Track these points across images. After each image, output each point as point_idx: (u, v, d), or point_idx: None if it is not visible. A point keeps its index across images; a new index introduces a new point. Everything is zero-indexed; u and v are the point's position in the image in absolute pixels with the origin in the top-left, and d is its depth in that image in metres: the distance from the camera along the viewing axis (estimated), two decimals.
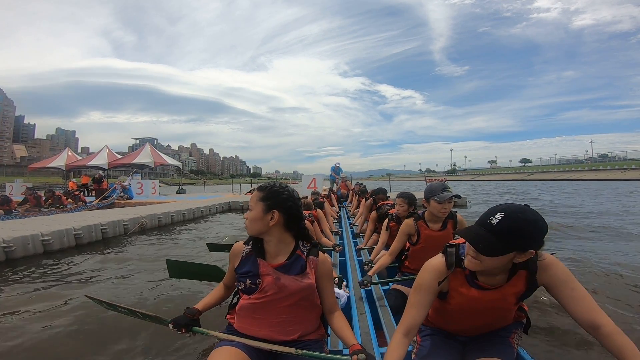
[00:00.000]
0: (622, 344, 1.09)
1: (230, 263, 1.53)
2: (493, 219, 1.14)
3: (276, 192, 1.42)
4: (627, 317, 2.73)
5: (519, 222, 1.11)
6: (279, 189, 1.44)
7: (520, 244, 1.12)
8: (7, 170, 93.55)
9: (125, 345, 2.35)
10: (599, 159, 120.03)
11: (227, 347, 1.35)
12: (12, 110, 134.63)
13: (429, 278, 1.31)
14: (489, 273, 1.25)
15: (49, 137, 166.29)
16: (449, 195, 2.26)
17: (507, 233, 1.11)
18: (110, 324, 2.62)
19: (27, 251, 5.23)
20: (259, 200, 1.41)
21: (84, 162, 21.83)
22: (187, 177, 77.75)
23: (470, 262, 1.22)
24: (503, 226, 1.11)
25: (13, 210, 9.78)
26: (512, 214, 1.12)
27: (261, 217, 1.39)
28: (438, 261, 1.33)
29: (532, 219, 1.12)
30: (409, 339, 1.28)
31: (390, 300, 2.33)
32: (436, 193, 2.30)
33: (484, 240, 1.14)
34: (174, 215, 9.19)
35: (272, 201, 1.40)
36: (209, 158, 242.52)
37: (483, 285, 1.28)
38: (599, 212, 10.90)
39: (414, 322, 1.29)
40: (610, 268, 4.18)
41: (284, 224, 1.41)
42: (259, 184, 1.65)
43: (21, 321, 2.80)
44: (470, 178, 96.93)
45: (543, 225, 1.13)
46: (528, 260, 1.19)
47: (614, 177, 54.83)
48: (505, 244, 1.12)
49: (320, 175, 14.91)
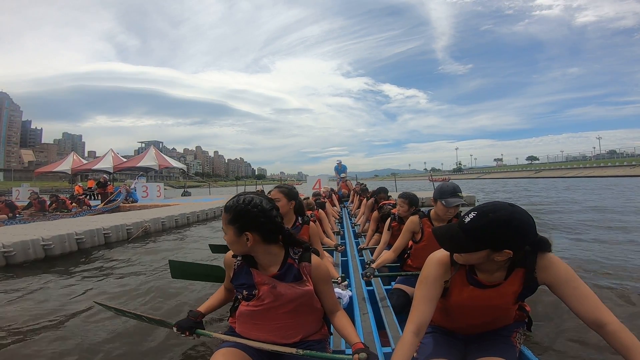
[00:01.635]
0: (628, 342, 1.07)
1: (226, 271, 1.50)
2: (467, 217, 1.18)
3: (243, 212, 1.29)
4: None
5: (487, 222, 1.12)
6: (246, 206, 1.30)
7: (490, 243, 1.13)
8: (15, 175, 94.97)
9: (131, 348, 2.38)
10: (607, 155, 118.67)
11: (229, 348, 1.35)
12: (18, 115, 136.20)
13: (434, 270, 1.30)
14: (485, 269, 1.25)
15: (56, 141, 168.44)
16: (456, 202, 2.22)
17: (474, 231, 1.14)
18: (117, 328, 2.65)
19: (27, 256, 5.16)
20: (228, 224, 1.30)
21: (90, 166, 21.89)
22: (192, 179, 78.27)
23: (455, 256, 1.26)
24: (472, 225, 1.15)
25: (17, 215, 9.76)
26: (483, 214, 1.14)
27: (237, 241, 1.30)
28: (442, 254, 1.32)
29: (505, 219, 1.11)
30: (420, 339, 1.24)
31: (393, 300, 2.30)
32: (445, 196, 2.25)
33: (453, 238, 1.19)
34: (178, 218, 9.10)
35: (241, 223, 1.28)
36: (214, 160, 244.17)
37: (482, 282, 1.27)
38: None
39: (424, 318, 1.25)
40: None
41: (263, 240, 1.31)
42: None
43: (31, 328, 2.74)
44: (476, 176, 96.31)
45: (520, 225, 1.11)
46: (526, 259, 1.20)
47: (623, 174, 53.97)
48: (473, 242, 1.15)
49: (325, 175, 14.88)
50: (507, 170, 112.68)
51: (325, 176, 14.82)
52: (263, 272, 1.37)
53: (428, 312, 1.26)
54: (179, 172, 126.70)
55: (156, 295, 3.53)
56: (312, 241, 2.58)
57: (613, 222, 7.85)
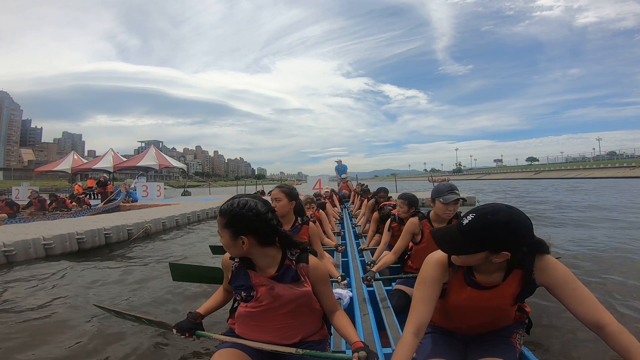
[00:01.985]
0: (627, 343, 1.07)
1: (224, 273, 1.50)
2: (465, 219, 1.19)
3: (238, 216, 1.28)
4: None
5: (485, 223, 1.13)
6: (241, 210, 1.28)
7: (488, 245, 1.14)
8: (14, 174, 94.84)
9: (131, 351, 2.36)
10: (607, 156, 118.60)
11: (228, 348, 1.35)
12: (18, 115, 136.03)
13: (433, 271, 1.30)
14: (483, 271, 1.26)
15: (55, 140, 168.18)
16: (453, 198, 2.25)
17: (473, 233, 1.14)
18: (116, 331, 2.62)
19: (28, 255, 5.14)
20: (223, 228, 1.29)
21: (90, 165, 21.87)
22: (191, 179, 78.16)
23: (453, 257, 1.27)
24: (470, 227, 1.15)
25: (17, 214, 9.74)
26: (481, 216, 1.15)
27: (232, 244, 1.30)
28: (440, 255, 1.32)
29: (504, 222, 1.11)
30: (419, 339, 1.25)
31: (393, 301, 2.30)
32: (442, 194, 2.29)
33: (451, 240, 1.20)
34: (179, 218, 9.08)
35: (236, 227, 1.27)
36: (214, 160, 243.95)
37: (480, 284, 1.28)
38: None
39: (423, 318, 1.25)
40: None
41: (259, 243, 1.31)
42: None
43: (30, 331, 2.69)
44: (476, 177, 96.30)
45: (518, 229, 1.12)
46: (523, 260, 1.20)
47: (624, 175, 53.96)
48: (471, 244, 1.15)
49: (325, 176, 14.87)
50: (506, 171, 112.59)
51: (325, 176, 14.80)
52: (261, 274, 1.37)
53: (427, 313, 1.26)
54: (178, 172, 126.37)
55: (156, 296, 3.51)
56: (312, 241, 2.60)
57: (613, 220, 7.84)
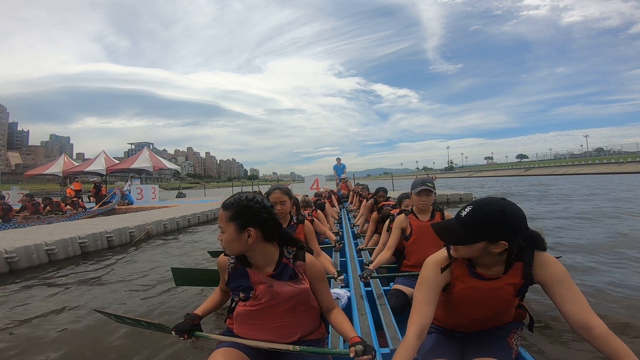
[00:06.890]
0: (615, 346, 1.10)
1: (220, 274, 1.51)
2: (463, 211, 1.24)
3: (246, 208, 1.29)
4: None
5: (483, 214, 1.19)
6: (248, 202, 1.31)
7: (486, 235, 1.19)
8: (2, 178, 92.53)
9: (130, 354, 2.39)
10: (595, 153, 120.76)
11: (226, 348, 1.35)
12: (5, 117, 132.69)
13: (433, 272, 1.33)
14: (484, 263, 1.29)
15: (43, 143, 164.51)
16: (420, 188, 2.52)
17: (472, 224, 1.20)
18: (116, 335, 2.64)
19: (31, 261, 5.06)
20: (229, 221, 1.29)
21: (82, 168, 21.44)
22: (185, 181, 77.38)
23: (452, 250, 1.31)
24: (469, 218, 1.21)
25: (12, 218, 9.53)
26: (479, 207, 1.21)
27: (237, 238, 1.29)
28: (439, 256, 1.36)
29: (499, 211, 1.17)
30: (422, 340, 1.25)
31: (392, 300, 2.31)
32: (414, 187, 2.57)
33: (451, 231, 1.25)
34: (180, 220, 9.02)
35: (244, 218, 1.28)
36: (206, 161, 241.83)
37: (482, 275, 1.31)
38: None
39: (426, 319, 1.26)
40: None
41: (264, 237, 1.33)
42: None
43: (30, 336, 2.69)
44: (467, 175, 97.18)
45: (513, 218, 1.18)
46: (522, 253, 1.26)
47: (611, 171, 55.09)
48: (470, 234, 1.21)
49: (322, 175, 14.85)
50: (497, 169, 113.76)
51: (322, 176, 14.80)
52: (259, 272, 1.37)
53: (429, 314, 1.27)
54: (170, 174, 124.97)
55: (159, 299, 3.52)
56: (308, 239, 2.64)
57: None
